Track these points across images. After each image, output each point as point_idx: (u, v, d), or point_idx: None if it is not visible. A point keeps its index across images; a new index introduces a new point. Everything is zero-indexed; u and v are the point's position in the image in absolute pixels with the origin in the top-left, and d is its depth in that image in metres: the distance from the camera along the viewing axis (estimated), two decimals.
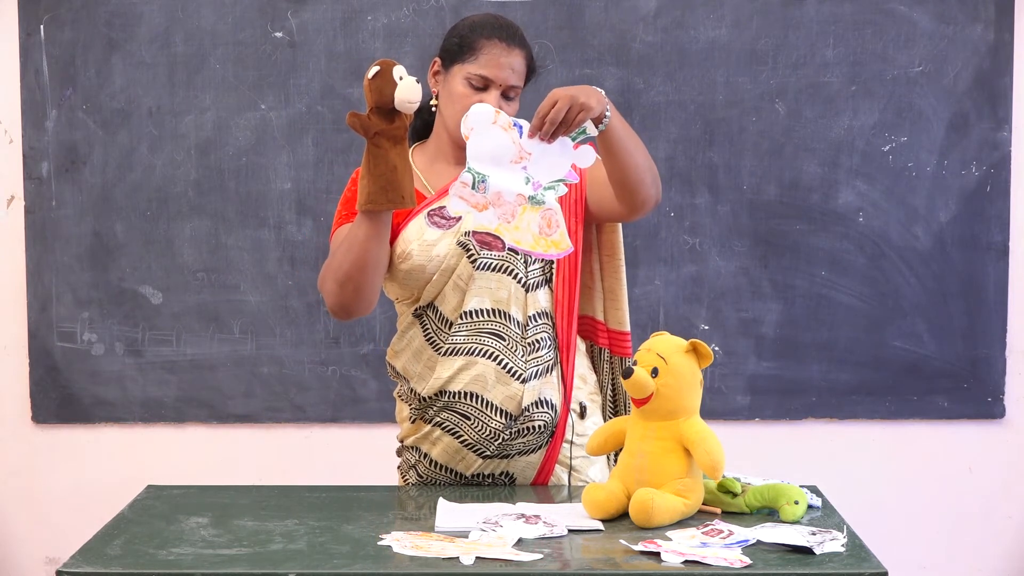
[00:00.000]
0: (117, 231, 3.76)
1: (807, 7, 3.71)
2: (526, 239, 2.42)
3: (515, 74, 2.56)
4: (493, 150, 2.41)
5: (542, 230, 2.43)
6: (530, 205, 2.42)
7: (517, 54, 2.57)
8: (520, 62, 2.57)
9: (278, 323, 3.77)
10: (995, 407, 3.80)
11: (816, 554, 2.11)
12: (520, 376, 2.58)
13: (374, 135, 2.36)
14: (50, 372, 3.79)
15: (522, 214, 2.42)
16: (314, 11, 3.72)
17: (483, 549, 2.12)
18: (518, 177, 2.41)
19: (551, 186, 2.43)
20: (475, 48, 2.56)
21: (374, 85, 2.33)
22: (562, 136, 2.40)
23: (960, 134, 3.73)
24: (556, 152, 2.42)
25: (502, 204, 2.41)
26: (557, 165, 2.42)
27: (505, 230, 2.41)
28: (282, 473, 3.78)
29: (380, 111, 2.35)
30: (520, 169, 2.41)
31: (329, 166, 3.74)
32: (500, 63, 2.55)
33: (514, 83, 2.56)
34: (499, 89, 2.55)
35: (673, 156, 3.74)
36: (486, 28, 2.58)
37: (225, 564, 2.08)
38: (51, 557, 3.84)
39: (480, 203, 2.41)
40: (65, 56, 3.72)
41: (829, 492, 2.55)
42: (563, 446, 2.63)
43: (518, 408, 2.59)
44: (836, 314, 3.77)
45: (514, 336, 2.59)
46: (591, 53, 3.71)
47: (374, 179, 2.37)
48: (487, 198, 2.40)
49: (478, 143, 2.41)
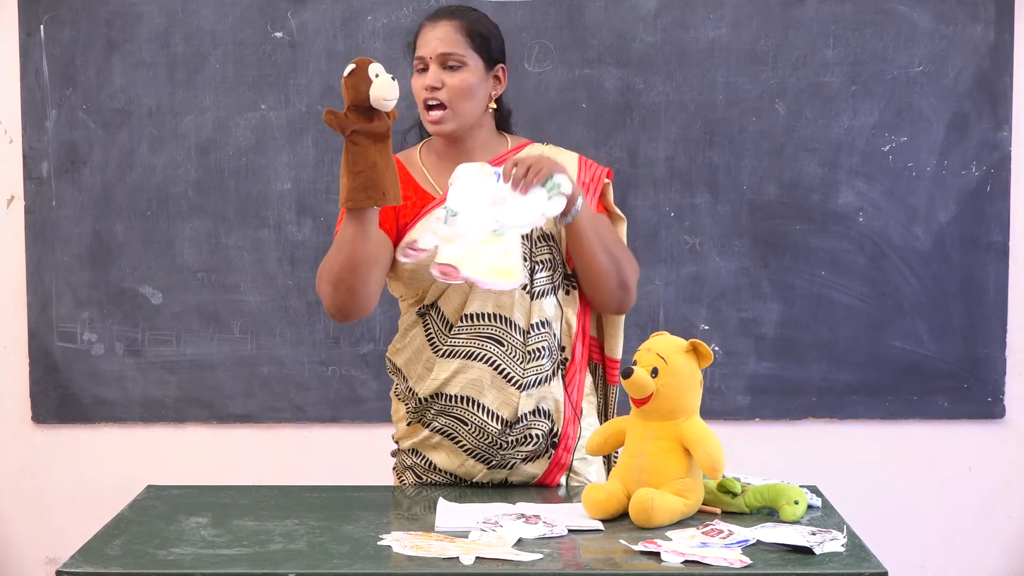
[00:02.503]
0: (117, 231, 3.76)
1: (807, 7, 3.71)
2: (480, 268, 2.48)
3: (442, 42, 2.57)
4: (471, 194, 2.50)
5: (498, 259, 2.48)
6: (492, 237, 2.49)
7: (442, 25, 2.59)
8: (445, 30, 2.59)
9: (278, 323, 3.77)
10: (995, 407, 3.80)
11: (816, 554, 2.11)
12: (517, 383, 2.58)
13: (351, 133, 2.35)
14: (50, 372, 3.79)
15: (483, 245, 2.48)
16: (314, 11, 3.72)
17: (483, 549, 2.12)
18: (488, 217, 2.49)
19: (518, 227, 2.50)
20: (415, 41, 2.63)
21: (350, 83, 2.33)
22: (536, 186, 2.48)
23: (960, 134, 3.73)
24: (531, 201, 2.49)
25: (468, 237, 2.49)
26: (528, 213, 2.50)
27: (464, 259, 2.48)
28: (282, 473, 3.78)
29: (358, 109, 2.34)
30: (493, 211, 2.50)
31: (329, 166, 3.74)
32: (426, 39, 2.60)
33: (443, 51, 2.57)
34: (433, 62, 2.57)
35: (673, 156, 3.74)
36: (422, 20, 2.65)
37: (225, 564, 2.09)
38: (51, 557, 3.84)
39: (449, 237, 2.49)
40: (65, 56, 3.72)
41: (829, 492, 2.55)
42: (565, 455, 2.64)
43: (514, 415, 2.58)
44: (836, 314, 3.77)
45: (514, 342, 2.58)
46: (591, 53, 3.71)
47: (353, 176, 2.37)
48: (455, 232, 2.48)
49: (458, 187, 2.51)
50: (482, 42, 2.60)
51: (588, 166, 2.70)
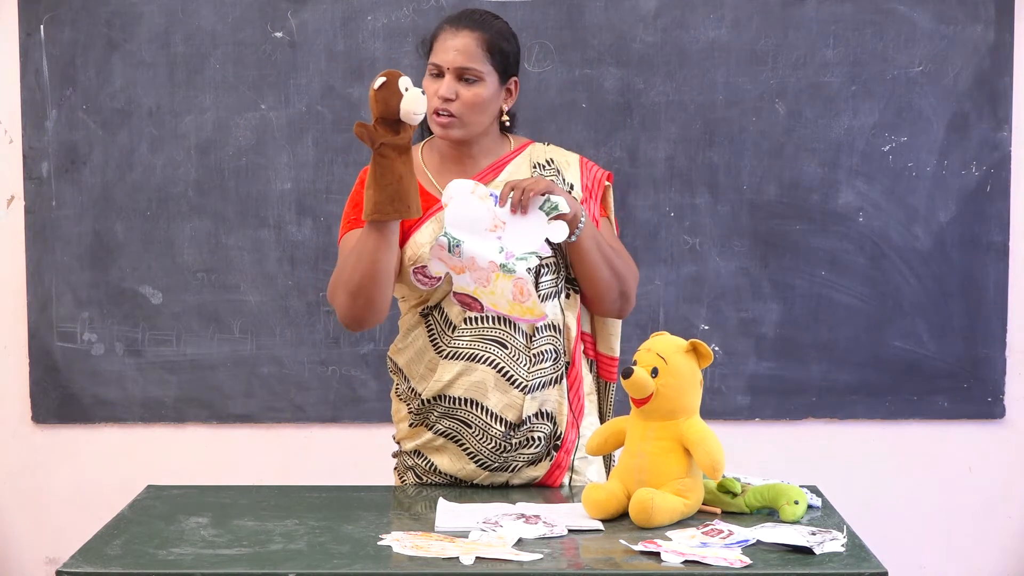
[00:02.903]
0: (117, 231, 3.76)
1: (807, 7, 3.71)
2: (502, 304, 2.53)
3: (462, 55, 2.54)
4: (469, 218, 2.51)
5: (515, 296, 2.53)
6: (502, 273, 2.52)
7: (464, 35, 2.56)
8: (468, 43, 2.55)
9: (278, 323, 3.77)
10: (995, 407, 3.80)
11: (816, 554, 2.11)
12: (522, 385, 2.58)
13: (380, 145, 2.36)
14: (50, 372, 3.79)
15: (495, 280, 2.52)
16: (314, 11, 3.72)
17: (483, 549, 2.12)
18: (492, 245, 2.52)
19: (523, 257, 2.53)
20: (432, 42, 2.60)
21: (380, 96, 2.33)
22: (534, 206, 2.50)
23: (960, 134, 3.73)
24: (530, 225, 2.51)
25: (476, 269, 2.51)
26: (530, 237, 2.52)
27: (482, 293, 2.52)
28: (282, 473, 3.78)
29: (385, 122, 2.35)
30: (495, 238, 2.52)
31: (329, 166, 3.74)
32: (446, 47, 2.56)
33: (462, 64, 2.54)
34: (450, 73, 2.55)
35: (673, 156, 3.74)
36: (442, 21, 2.62)
37: (225, 564, 2.09)
38: (51, 557, 3.84)
39: (457, 266, 2.52)
40: (65, 56, 3.72)
41: (829, 492, 2.55)
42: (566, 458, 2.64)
43: (518, 417, 2.58)
44: (836, 314, 3.77)
45: (518, 345, 2.58)
46: (591, 53, 3.71)
47: (380, 189, 2.37)
48: (463, 262, 2.51)
49: (455, 210, 2.51)
50: (501, 58, 2.59)
51: (589, 168, 2.70)
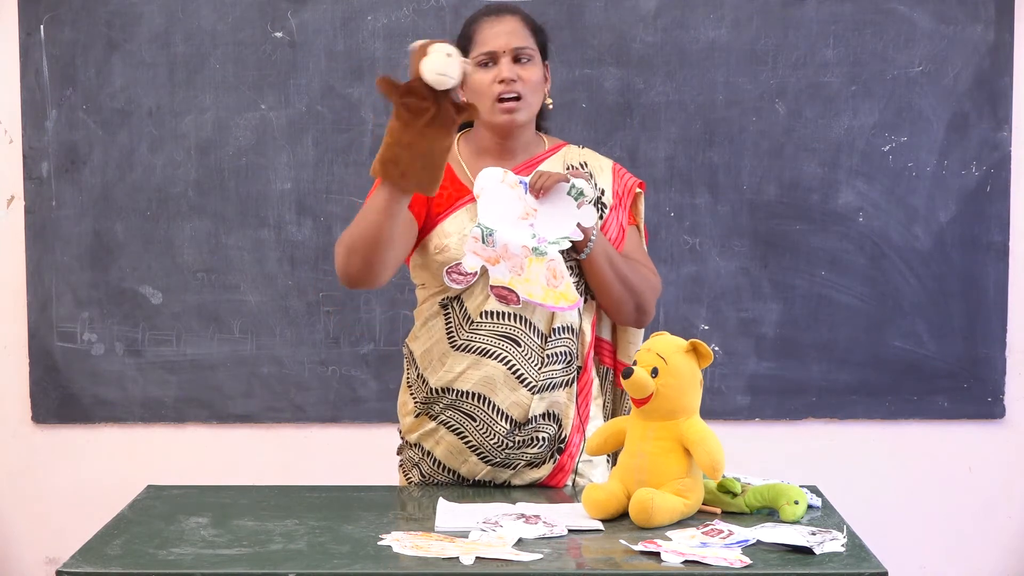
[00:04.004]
0: (117, 231, 3.76)
1: (807, 7, 3.71)
2: (536, 292, 2.54)
3: (513, 36, 2.60)
4: (501, 207, 2.54)
5: (549, 281, 2.54)
6: (535, 257, 2.53)
7: (507, 20, 2.62)
8: (514, 25, 2.62)
9: (278, 323, 3.77)
10: (995, 407, 3.80)
11: (816, 554, 2.11)
12: (531, 385, 2.58)
13: (398, 106, 2.29)
14: (50, 372, 3.79)
15: (529, 266, 2.53)
16: (314, 11, 3.72)
17: (483, 549, 2.12)
18: (524, 232, 2.54)
19: (555, 241, 2.55)
20: (472, 35, 2.63)
21: (413, 58, 2.27)
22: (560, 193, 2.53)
23: (960, 134, 3.73)
24: (560, 211, 2.55)
25: (510, 257, 2.53)
26: (562, 223, 2.55)
27: (517, 283, 2.53)
28: (282, 473, 3.78)
29: (417, 86, 2.26)
30: (527, 225, 2.55)
31: (329, 166, 3.74)
32: (494, 32, 2.60)
33: (516, 44, 2.59)
34: (506, 56, 2.58)
35: (673, 156, 3.74)
36: (476, 15, 2.66)
37: (225, 564, 2.09)
38: (51, 557, 3.84)
39: (491, 257, 2.53)
40: (65, 56, 3.72)
41: (829, 492, 2.55)
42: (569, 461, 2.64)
43: (524, 416, 2.59)
44: (836, 314, 3.77)
45: (532, 344, 2.58)
46: (591, 53, 3.71)
47: (384, 147, 2.33)
48: (496, 251, 2.52)
49: (487, 201, 2.54)
50: (542, 37, 2.66)
51: (621, 176, 2.73)
